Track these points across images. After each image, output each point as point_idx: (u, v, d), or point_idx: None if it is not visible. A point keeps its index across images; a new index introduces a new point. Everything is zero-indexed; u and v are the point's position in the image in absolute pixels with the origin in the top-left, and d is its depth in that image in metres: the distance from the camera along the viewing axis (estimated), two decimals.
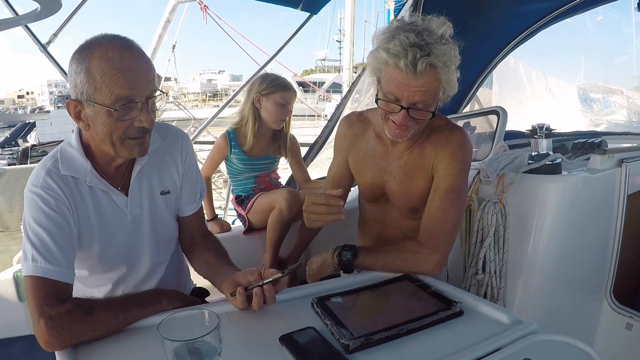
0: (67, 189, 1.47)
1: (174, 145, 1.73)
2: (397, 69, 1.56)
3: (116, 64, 1.35)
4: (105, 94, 1.36)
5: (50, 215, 1.41)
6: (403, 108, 1.62)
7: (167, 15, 11.34)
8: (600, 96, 9.77)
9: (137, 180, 1.62)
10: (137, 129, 1.44)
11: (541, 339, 1.20)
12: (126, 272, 1.67)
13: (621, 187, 2.35)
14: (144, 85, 1.40)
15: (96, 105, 1.38)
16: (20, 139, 13.15)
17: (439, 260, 1.72)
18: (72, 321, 1.28)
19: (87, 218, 1.52)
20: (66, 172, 1.47)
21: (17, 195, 3.35)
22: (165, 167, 1.71)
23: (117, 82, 1.35)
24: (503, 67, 5.34)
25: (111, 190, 1.56)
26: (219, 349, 1.08)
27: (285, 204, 2.72)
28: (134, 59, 1.39)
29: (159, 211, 1.70)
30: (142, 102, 1.40)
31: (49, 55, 3.58)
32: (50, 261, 1.36)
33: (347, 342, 1.18)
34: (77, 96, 1.41)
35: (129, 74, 1.37)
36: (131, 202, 1.61)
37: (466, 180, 1.83)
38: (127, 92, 1.37)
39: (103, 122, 1.40)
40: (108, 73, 1.34)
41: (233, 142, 2.93)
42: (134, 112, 1.41)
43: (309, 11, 4.19)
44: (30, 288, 1.34)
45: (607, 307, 2.40)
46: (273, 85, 2.88)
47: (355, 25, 22.64)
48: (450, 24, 1.60)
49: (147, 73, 1.41)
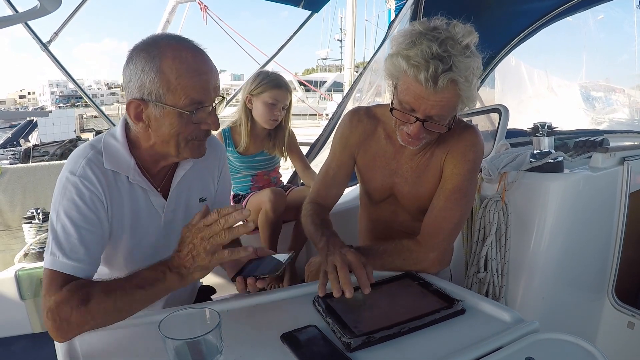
0: (106, 182, 1.44)
1: (214, 155, 1.74)
2: (416, 81, 1.49)
3: (191, 66, 1.36)
4: (179, 96, 1.36)
5: (81, 208, 1.38)
6: (418, 120, 1.57)
7: (167, 16, 11.37)
8: (602, 94, 9.78)
9: (178, 185, 1.61)
10: (203, 131, 1.46)
11: (543, 338, 1.20)
12: None
13: (623, 186, 2.35)
14: (215, 89, 1.43)
15: (166, 107, 1.37)
16: (22, 139, 13.15)
17: (436, 258, 1.71)
18: (69, 309, 1.22)
19: (121, 214, 1.49)
20: (109, 166, 1.45)
21: (18, 194, 3.35)
22: (205, 176, 1.72)
23: (194, 86, 1.36)
24: (505, 66, 5.34)
25: (151, 190, 1.54)
26: (220, 347, 1.08)
27: (270, 204, 2.72)
28: (205, 63, 1.41)
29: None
30: (211, 106, 1.43)
31: (50, 54, 3.59)
32: (70, 256, 1.32)
33: (349, 340, 1.18)
34: (142, 95, 1.38)
35: (203, 78, 1.38)
36: (168, 206, 1.59)
37: (474, 180, 1.80)
38: (201, 96, 1.39)
39: (172, 123, 1.40)
40: (184, 75, 1.35)
41: (228, 140, 2.93)
42: (205, 115, 1.43)
43: (310, 9, 4.21)
44: (45, 280, 1.31)
45: (608, 306, 2.40)
46: (263, 84, 2.84)
47: (356, 24, 22.65)
48: (476, 33, 1.54)
49: (216, 77, 1.44)
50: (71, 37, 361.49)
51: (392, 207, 1.95)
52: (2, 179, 3.34)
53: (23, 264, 2.74)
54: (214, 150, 1.74)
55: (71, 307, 1.22)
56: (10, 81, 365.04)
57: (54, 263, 1.31)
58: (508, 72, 6.77)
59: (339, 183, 1.96)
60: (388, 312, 1.35)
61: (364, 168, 1.93)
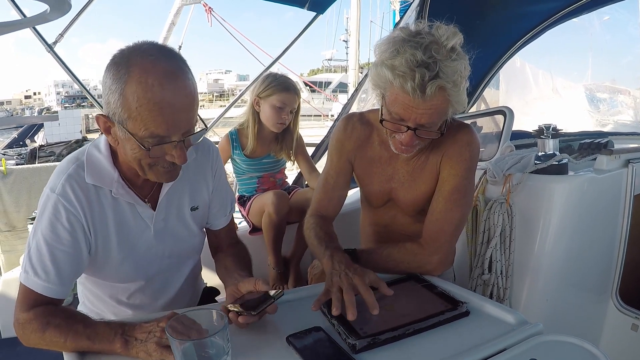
0: (86, 199, 1.40)
1: (205, 159, 1.67)
2: (404, 92, 1.46)
3: (155, 97, 1.22)
4: (139, 126, 1.26)
5: (57, 229, 1.37)
6: (410, 129, 1.55)
7: (172, 18, 11.40)
8: (607, 96, 9.73)
9: (167, 195, 1.56)
10: (167, 163, 1.37)
11: (547, 340, 1.20)
12: (144, 284, 1.64)
13: (627, 188, 2.35)
14: (183, 124, 1.30)
15: (127, 132, 1.28)
16: (28, 139, 13.19)
17: (440, 261, 1.70)
18: (30, 331, 1.33)
19: (106, 229, 1.46)
20: (91, 181, 1.41)
21: (24, 195, 3.37)
22: (197, 182, 1.65)
23: (154, 119, 1.24)
24: (510, 68, 5.33)
25: (137, 203, 1.50)
26: (227, 348, 1.08)
27: (273, 207, 2.71)
28: (176, 92, 1.25)
29: (186, 226, 1.65)
30: (177, 141, 1.31)
31: (55, 55, 3.60)
32: (41, 276, 1.35)
33: (354, 342, 1.18)
34: (108, 113, 1.31)
35: (167, 112, 1.25)
36: (157, 216, 1.55)
37: (472, 179, 1.79)
38: (163, 132, 1.27)
39: (133, 148, 1.32)
40: (145, 105, 1.23)
41: (235, 142, 2.92)
42: (167, 149, 1.32)
43: (315, 11, 4.20)
44: (19, 294, 1.39)
45: (612, 308, 2.40)
46: (271, 87, 2.81)
47: (361, 25, 22.65)
48: (460, 34, 1.49)
49: (188, 109, 1.30)
50: (76, 38, 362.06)
51: (391, 212, 1.94)
52: (8, 179, 3.36)
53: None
54: (205, 155, 1.68)
55: (31, 330, 1.32)
56: (16, 81, 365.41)
57: (27, 280, 1.36)
58: (513, 74, 6.75)
59: (339, 190, 1.93)
60: (393, 314, 1.36)
61: (361, 174, 1.91)
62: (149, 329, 1.21)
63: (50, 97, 77.61)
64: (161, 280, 1.68)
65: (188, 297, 1.84)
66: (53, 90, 78.08)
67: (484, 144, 2.92)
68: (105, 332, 1.25)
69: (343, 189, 1.94)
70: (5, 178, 3.35)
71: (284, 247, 2.89)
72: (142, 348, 1.19)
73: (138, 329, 1.23)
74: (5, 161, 4.27)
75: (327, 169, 1.95)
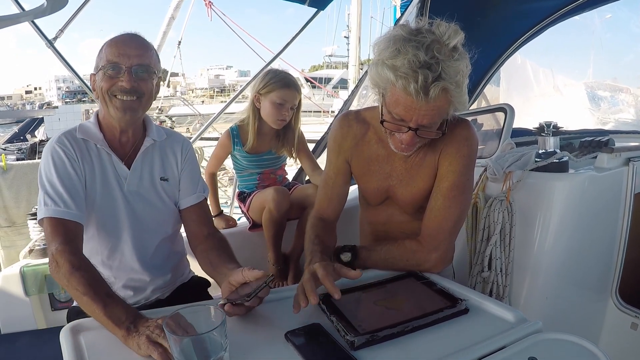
0: (78, 147, 1.74)
1: (177, 144, 1.97)
2: (406, 93, 1.43)
3: (117, 40, 1.74)
4: (103, 59, 1.72)
5: (59, 166, 1.68)
6: (411, 129, 1.53)
7: (172, 12, 11.38)
8: (608, 94, 9.72)
9: (140, 158, 1.85)
10: (120, 88, 1.71)
11: (546, 338, 1.20)
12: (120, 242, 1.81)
13: (628, 186, 2.35)
14: (132, 56, 1.71)
15: (97, 70, 1.74)
16: (28, 134, 13.21)
17: (439, 258, 1.70)
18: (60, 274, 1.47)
19: (93, 177, 1.75)
20: (81, 136, 1.76)
21: (24, 190, 3.37)
22: (167, 157, 1.93)
23: (110, 50, 1.71)
24: (510, 65, 5.32)
25: (115, 160, 1.80)
26: (225, 344, 1.08)
27: (273, 204, 2.70)
28: (131, 37, 1.76)
29: (157, 192, 1.88)
30: (126, 67, 1.69)
31: (55, 51, 3.58)
32: (59, 204, 1.61)
33: (353, 339, 1.18)
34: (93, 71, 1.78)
35: (120, 45, 1.72)
36: (131, 177, 1.81)
37: (471, 175, 1.77)
38: (115, 59, 1.70)
39: (100, 79, 1.73)
40: (108, 44, 1.74)
41: (236, 139, 2.91)
42: (119, 74, 1.70)
43: (316, 7, 4.19)
44: (46, 230, 1.60)
45: (612, 307, 2.40)
46: (271, 83, 2.80)
47: (361, 21, 22.62)
48: (461, 32, 1.47)
49: (138, 47, 1.74)
50: (77, 33, 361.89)
51: (389, 209, 1.92)
52: (8, 175, 3.36)
53: (28, 260, 2.75)
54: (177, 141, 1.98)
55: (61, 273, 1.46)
56: (17, 77, 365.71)
57: (47, 211, 1.60)
58: (514, 71, 6.74)
59: (339, 190, 1.93)
60: (392, 311, 1.36)
61: (358, 173, 1.90)
62: (149, 324, 1.24)
63: (51, 92, 77.68)
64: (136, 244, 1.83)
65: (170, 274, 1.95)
66: (54, 85, 78.16)
67: (484, 142, 2.92)
68: (120, 313, 1.30)
69: (342, 188, 1.94)
70: (5, 174, 3.35)
71: (284, 243, 2.88)
72: (135, 340, 1.22)
73: (143, 322, 1.26)
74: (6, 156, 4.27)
75: (326, 169, 1.96)
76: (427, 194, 1.77)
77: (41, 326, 2.68)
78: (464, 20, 1.53)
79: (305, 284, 1.38)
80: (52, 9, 2.54)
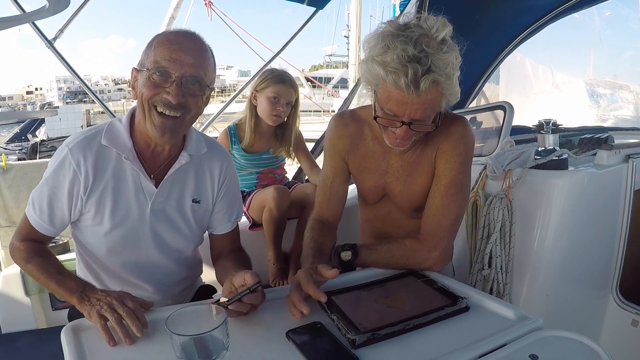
0: (93, 161, 1.56)
1: (216, 161, 1.78)
2: (397, 88, 1.43)
3: (170, 37, 1.50)
4: (151, 60, 1.48)
5: (58, 178, 1.57)
6: (404, 124, 1.53)
7: (172, 12, 11.36)
8: (607, 91, 9.73)
9: (172, 177, 1.66)
10: (163, 100, 1.49)
11: (547, 335, 1.20)
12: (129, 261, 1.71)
13: (628, 183, 2.35)
14: (185, 64, 1.48)
15: (142, 69, 1.50)
16: (29, 134, 13.21)
17: (439, 257, 1.70)
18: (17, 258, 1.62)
19: (104, 191, 1.59)
20: (106, 143, 1.57)
21: (24, 190, 3.36)
22: (203, 176, 1.75)
23: (161, 51, 1.47)
24: (509, 62, 5.32)
25: (143, 174, 1.61)
26: (226, 343, 1.09)
27: (274, 202, 2.71)
28: (188, 39, 1.52)
29: (184, 215, 1.72)
30: (176, 76, 1.47)
31: (55, 51, 3.59)
32: (36, 212, 1.61)
33: (354, 337, 1.18)
34: (137, 66, 1.54)
35: (173, 47, 1.47)
36: (158, 195, 1.64)
37: (468, 172, 1.76)
38: (166, 64, 1.46)
39: (142, 83, 1.50)
40: (160, 42, 1.49)
41: (234, 137, 2.92)
42: (167, 83, 1.48)
43: (314, 6, 4.19)
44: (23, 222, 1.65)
45: (613, 304, 2.40)
46: (267, 80, 2.83)
47: (361, 20, 22.60)
48: (449, 24, 1.46)
49: (194, 54, 1.50)
50: (77, 34, 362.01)
51: (387, 207, 1.92)
52: (8, 175, 3.36)
53: None
54: (218, 157, 1.79)
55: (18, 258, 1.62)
56: (18, 77, 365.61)
57: (28, 210, 1.63)
58: (513, 68, 6.74)
59: (337, 190, 1.92)
60: (393, 309, 1.36)
61: (355, 171, 1.90)
62: (100, 297, 1.36)
63: (52, 92, 77.61)
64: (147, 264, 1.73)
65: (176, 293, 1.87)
66: (55, 85, 78.09)
67: (484, 139, 2.92)
68: (72, 284, 1.46)
69: (341, 188, 1.93)
70: (5, 174, 3.34)
71: (284, 242, 2.89)
72: (87, 309, 1.35)
73: (94, 293, 1.40)
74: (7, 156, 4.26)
75: (324, 170, 1.95)
76: (424, 192, 1.77)
77: (42, 326, 2.69)
78: (462, 17, 1.54)
79: (291, 295, 1.38)
80: (54, 10, 2.54)
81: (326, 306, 1.35)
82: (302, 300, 1.35)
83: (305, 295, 1.38)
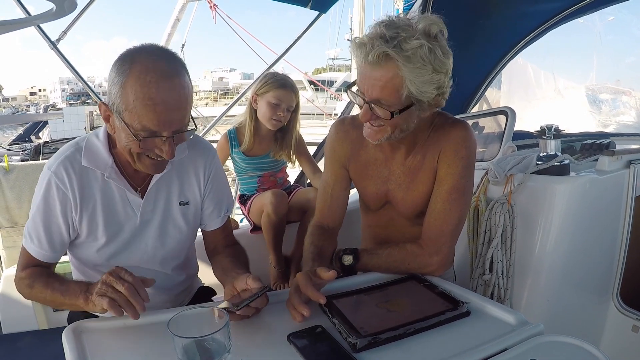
0: (78, 179, 1.54)
1: (200, 159, 1.74)
2: (357, 58, 1.49)
3: (151, 94, 1.34)
4: (133, 119, 1.37)
5: (49, 203, 1.54)
6: (366, 102, 1.53)
7: (177, 14, 11.39)
8: (609, 97, 9.72)
9: (156, 186, 1.65)
10: (155, 153, 1.47)
11: (548, 340, 1.20)
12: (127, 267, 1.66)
13: (629, 189, 2.35)
14: (174, 122, 1.41)
15: (123, 123, 1.40)
16: (33, 135, 13.27)
17: (440, 261, 1.69)
18: (23, 286, 1.59)
19: (93, 210, 1.58)
20: (86, 164, 1.54)
21: (26, 191, 3.36)
22: (188, 178, 1.72)
23: (147, 114, 1.35)
24: (512, 68, 5.32)
25: (127, 189, 1.60)
26: (228, 346, 1.09)
27: (271, 207, 2.71)
28: (170, 91, 1.37)
29: (174, 220, 1.72)
30: (167, 136, 1.41)
31: (58, 52, 3.59)
32: (35, 242, 1.58)
33: (355, 341, 1.19)
34: (108, 103, 1.43)
35: (160, 109, 1.36)
36: (145, 206, 1.64)
37: (470, 177, 1.75)
38: (154, 127, 1.38)
39: (127, 138, 1.42)
40: (141, 100, 1.34)
41: (234, 141, 2.92)
42: (157, 142, 1.43)
43: (318, 10, 4.19)
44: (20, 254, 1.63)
45: (613, 309, 2.40)
46: (268, 84, 2.82)
47: (364, 24, 22.60)
48: (441, 22, 1.47)
49: (180, 108, 1.41)
50: (81, 35, 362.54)
51: (389, 214, 1.91)
52: (10, 176, 3.36)
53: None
54: (200, 155, 1.75)
55: (23, 286, 1.59)
56: (22, 78, 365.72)
57: (25, 244, 1.61)
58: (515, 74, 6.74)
59: (338, 196, 1.92)
60: (394, 314, 1.36)
61: (356, 178, 1.89)
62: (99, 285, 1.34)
63: (56, 93, 77.69)
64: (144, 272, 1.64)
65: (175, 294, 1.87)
66: (58, 87, 78.18)
67: (485, 144, 2.93)
68: (74, 289, 1.44)
69: (342, 194, 1.93)
70: (7, 174, 3.34)
71: (285, 245, 2.89)
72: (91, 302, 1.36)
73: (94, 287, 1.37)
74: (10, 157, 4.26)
75: (325, 176, 1.95)
76: (427, 198, 1.76)
77: (43, 326, 2.69)
78: (466, 22, 1.54)
79: (291, 298, 1.39)
80: (61, 14, 2.55)
81: (327, 310, 1.36)
82: (302, 302, 1.35)
83: (306, 298, 1.38)
